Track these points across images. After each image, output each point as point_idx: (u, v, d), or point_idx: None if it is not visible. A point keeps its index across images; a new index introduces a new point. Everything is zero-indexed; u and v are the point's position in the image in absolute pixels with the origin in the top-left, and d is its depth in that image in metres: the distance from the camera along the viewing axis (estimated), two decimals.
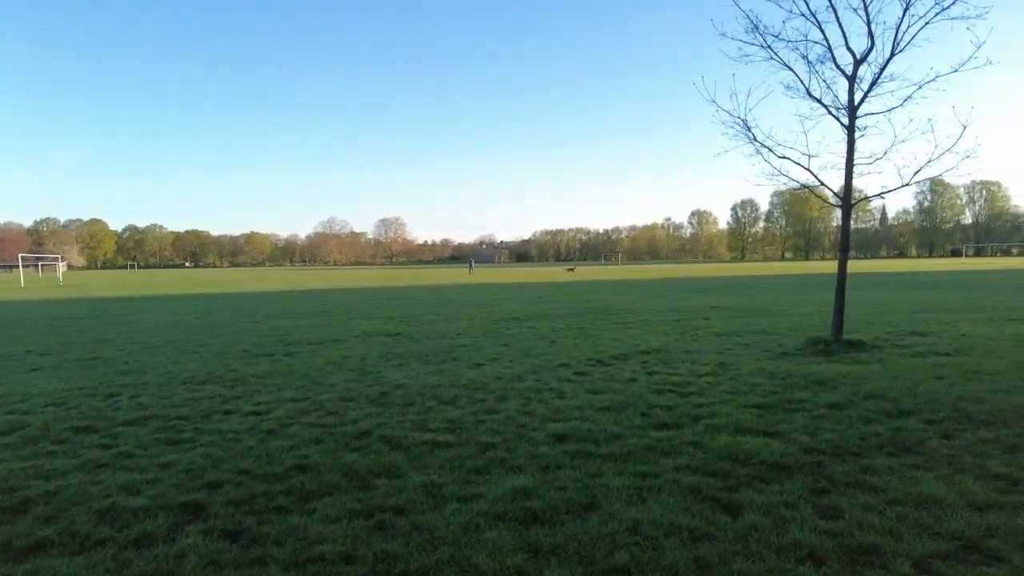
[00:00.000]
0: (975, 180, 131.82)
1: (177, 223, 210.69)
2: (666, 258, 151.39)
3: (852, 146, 8.91)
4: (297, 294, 26.74)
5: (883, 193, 9.66)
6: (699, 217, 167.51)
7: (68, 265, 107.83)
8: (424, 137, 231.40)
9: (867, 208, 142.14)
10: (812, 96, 9.06)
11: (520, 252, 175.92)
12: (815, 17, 8.75)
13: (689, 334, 10.86)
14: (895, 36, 8.46)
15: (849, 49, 8.75)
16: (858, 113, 8.86)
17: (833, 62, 8.87)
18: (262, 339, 11.19)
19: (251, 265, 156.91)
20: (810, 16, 8.77)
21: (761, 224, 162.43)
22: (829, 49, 8.83)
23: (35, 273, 77.93)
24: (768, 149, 9.35)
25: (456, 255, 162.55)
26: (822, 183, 9.48)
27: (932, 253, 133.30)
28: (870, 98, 8.79)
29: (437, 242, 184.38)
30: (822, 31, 8.79)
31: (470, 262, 66.33)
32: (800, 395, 6.04)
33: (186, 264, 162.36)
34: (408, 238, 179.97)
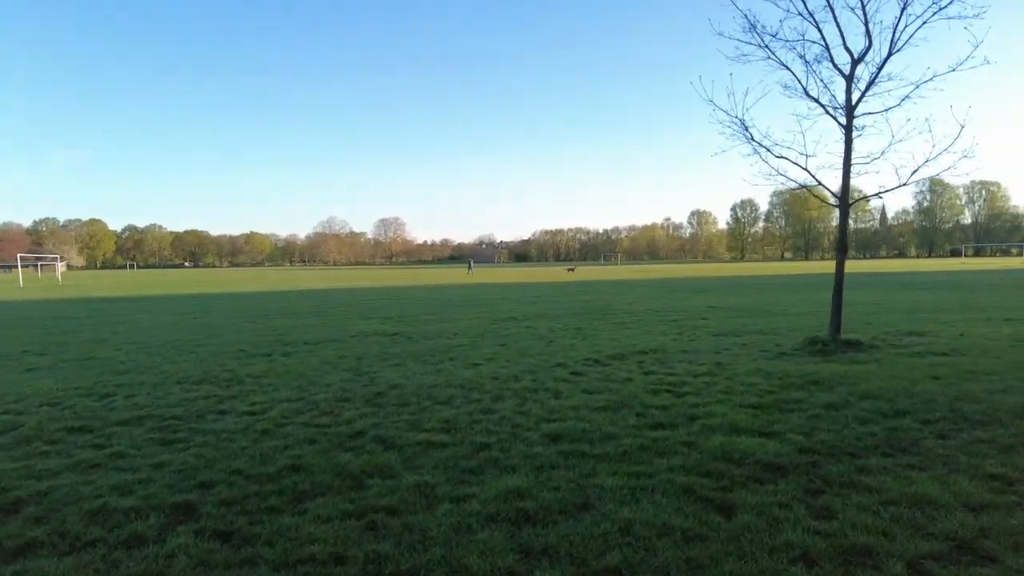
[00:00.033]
0: (974, 180, 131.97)
1: (176, 223, 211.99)
2: (665, 258, 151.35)
3: (849, 146, 8.90)
4: (296, 294, 26.72)
5: (881, 193, 9.66)
6: (699, 217, 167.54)
7: (67, 265, 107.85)
8: (424, 137, 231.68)
9: (866, 208, 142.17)
10: (809, 96, 9.07)
11: (520, 252, 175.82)
12: (812, 17, 8.76)
13: (687, 334, 10.85)
14: (892, 35, 8.48)
15: (847, 49, 8.75)
16: (855, 113, 8.86)
17: (831, 61, 8.88)
18: (259, 339, 11.17)
19: (250, 265, 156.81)
20: (807, 16, 8.78)
21: (761, 224, 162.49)
22: (826, 48, 8.84)
23: (34, 273, 77.91)
24: (766, 149, 9.37)
25: (455, 255, 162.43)
26: (820, 183, 9.48)
27: (931, 253, 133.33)
28: (867, 98, 8.81)
29: (437, 242, 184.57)
30: (819, 30, 8.81)
31: (469, 262, 66.20)
32: (796, 395, 6.03)
33: (185, 264, 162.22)
34: (407, 238, 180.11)
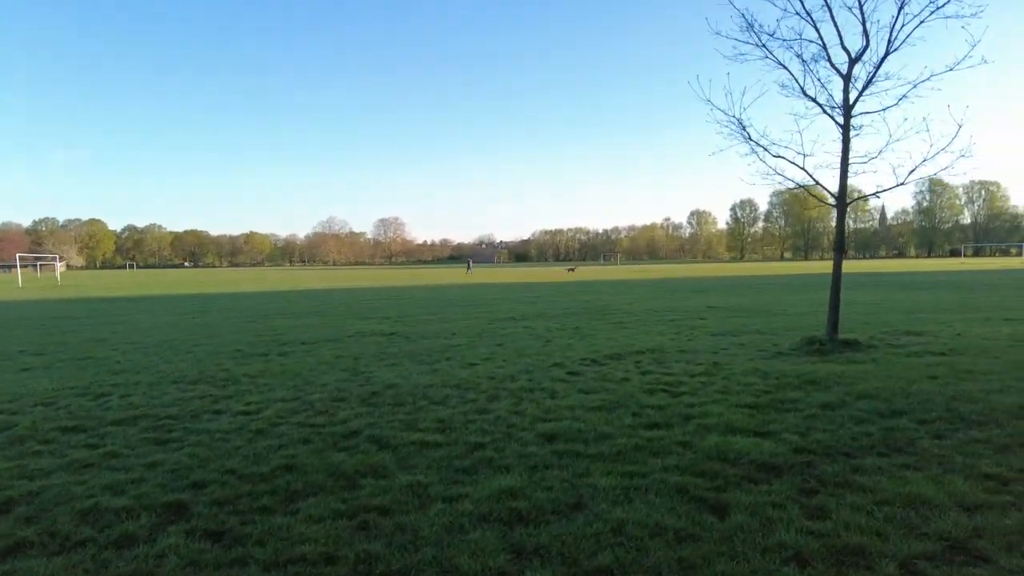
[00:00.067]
0: (974, 180, 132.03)
1: (176, 223, 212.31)
2: (665, 258, 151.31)
3: (847, 145, 8.89)
4: (295, 294, 26.71)
5: (878, 192, 9.68)
6: (698, 217, 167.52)
7: (67, 265, 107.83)
8: (424, 137, 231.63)
9: (866, 208, 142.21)
10: (807, 95, 9.08)
11: (519, 252, 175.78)
12: (810, 16, 8.76)
13: (684, 334, 10.84)
14: (890, 35, 8.48)
15: (844, 48, 8.74)
16: (853, 112, 8.84)
17: (828, 61, 8.88)
18: (256, 339, 11.15)
19: (250, 265, 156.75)
20: (805, 15, 8.78)
21: (760, 224, 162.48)
22: (824, 48, 8.84)
23: (33, 273, 77.89)
24: (763, 148, 9.37)
25: (455, 255, 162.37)
26: (817, 182, 9.47)
27: (931, 253, 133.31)
28: (865, 97, 8.83)
29: (436, 242, 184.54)
30: (817, 30, 8.80)
31: (468, 262, 66.17)
32: (793, 395, 6.01)
33: (185, 264, 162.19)
34: (407, 238, 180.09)
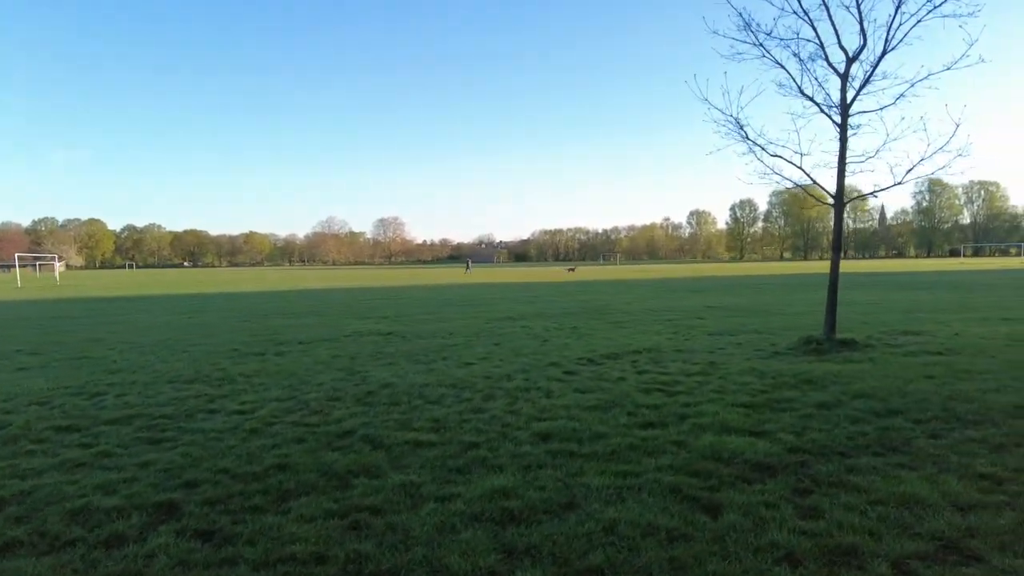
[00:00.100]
0: (973, 180, 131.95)
1: (176, 223, 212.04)
2: (664, 258, 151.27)
3: (844, 144, 8.88)
4: (293, 294, 26.69)
5: (876, 192, 9.68)
6: (698, 217, 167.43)
7: (66, 265, 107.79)
8: (424, 137, 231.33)
9: (865, 208, 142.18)
10: (804, 94, 9.06)
11: (519, 252, 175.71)
12: (807, 15, 8.76)
13: (682, 333, 10.82)
14: (887, 34, 8.47)
15: (841, 47, 8.73)
16: (850, 111, 8.83)
17: (825, 60, 8.87)
18: (252, 338, 11.14)
19: (250, 265, 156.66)
20: (802, 14, 8.77)
21: (760, 224, 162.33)
22: (821, 47, 8.83)
23: (32, 273, 77.85)
24: (760, 147, 9.35)
25: (455, 255, 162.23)
26: (814, 181, 9.46)
27: (930, 253, 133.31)
28: (862, 96, 8.81)
29: (436, 242, 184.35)
30: (814, 29, 8.80)
31: (467, 262, 66.14)
32: (788, 394, 6.00)
33: (184, 264, 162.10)
34: (407, 238, 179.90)
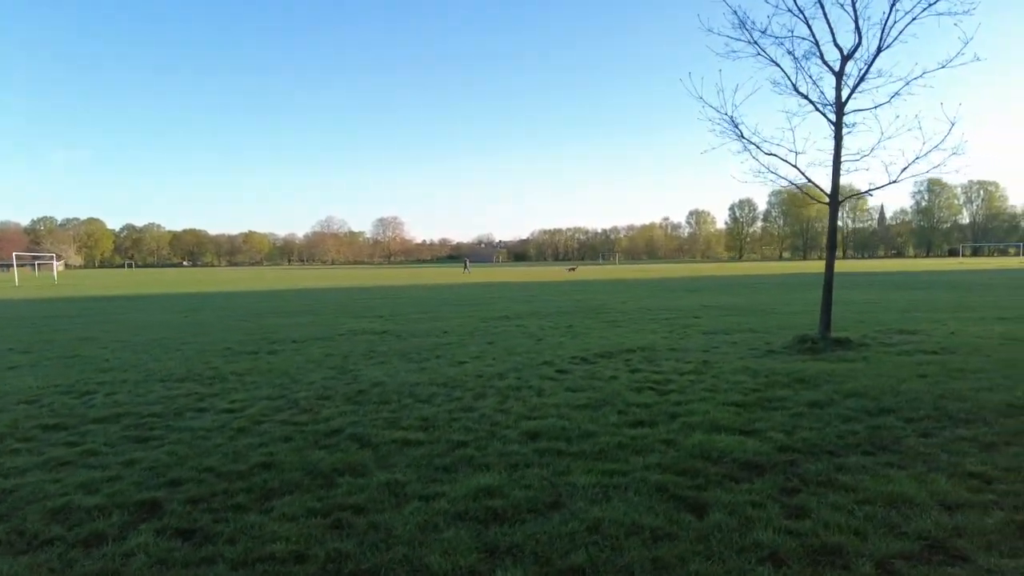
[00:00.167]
0: (972, 180, 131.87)
1: (175, 222, 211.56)
2: (664, 258, 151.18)
3: (839, 143, 8.84)
4: (290, 293, 26.64)
5: (871, 190, 9.62)
6: (697, 217, 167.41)
7: (65, 264, 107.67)
8: (424, 137, 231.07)
9: (864, 208, 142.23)
10: (799, 92, 9.02)
11: (518, 252, 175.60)
12: (802, 13, 8.71)
13: (677, 332, 10.79)
14: (882, 31, 8.43)
15: (836, 45, 8.69)
16: (845, 109, 8.80)
17: (820, 58, 8.82)
18: (246, 337, 11.10)
19: (249, 264, 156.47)
20: (797, 11, 8.72)
21: (759, 224, 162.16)
22: (816, 45, 8.78)
23: (31, 272, 77.75)
24: (755, 146, 9.31)
25: (454, 254, 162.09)
26: (809, 180, 9.42)
27: (929, 253, 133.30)
28: (857, 94, 8.76)
29: (435, 241, 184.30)
30: (809, 27, 8.75)
31: (465, 261, 66.04)
32: (781, 393, 5.97)
33: (184, 263, 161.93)
34: (406, 237, 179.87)
